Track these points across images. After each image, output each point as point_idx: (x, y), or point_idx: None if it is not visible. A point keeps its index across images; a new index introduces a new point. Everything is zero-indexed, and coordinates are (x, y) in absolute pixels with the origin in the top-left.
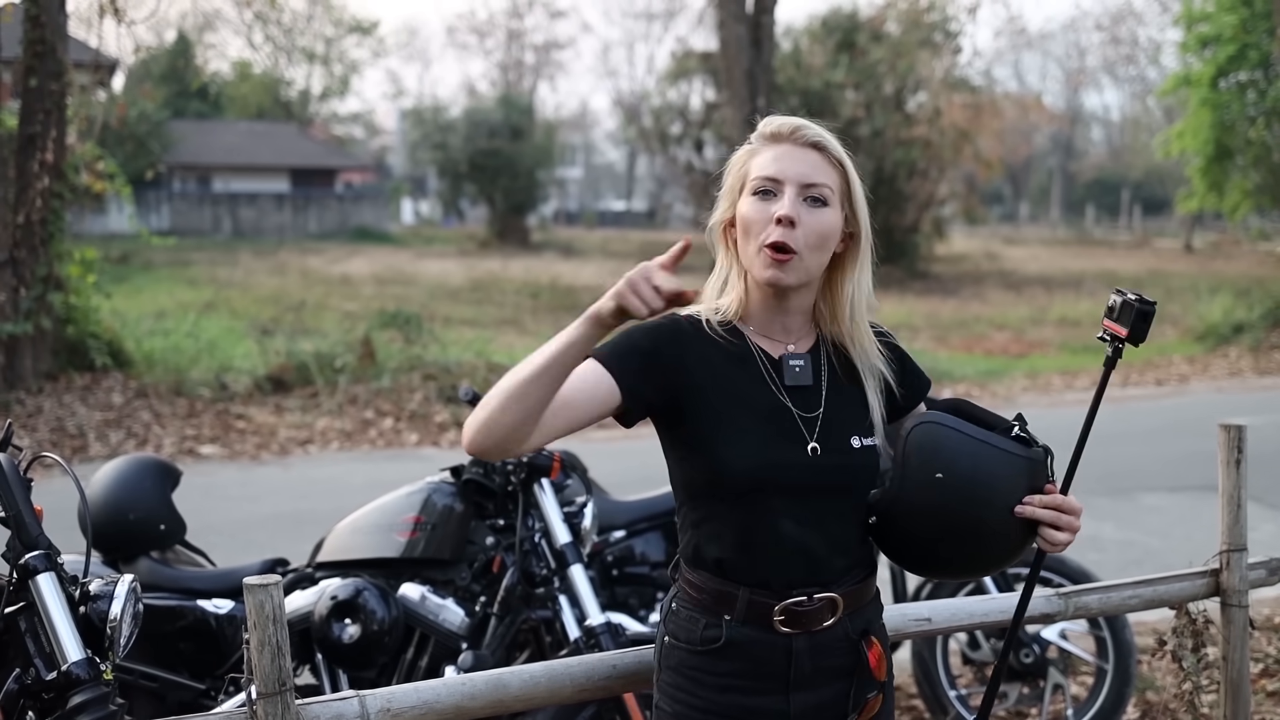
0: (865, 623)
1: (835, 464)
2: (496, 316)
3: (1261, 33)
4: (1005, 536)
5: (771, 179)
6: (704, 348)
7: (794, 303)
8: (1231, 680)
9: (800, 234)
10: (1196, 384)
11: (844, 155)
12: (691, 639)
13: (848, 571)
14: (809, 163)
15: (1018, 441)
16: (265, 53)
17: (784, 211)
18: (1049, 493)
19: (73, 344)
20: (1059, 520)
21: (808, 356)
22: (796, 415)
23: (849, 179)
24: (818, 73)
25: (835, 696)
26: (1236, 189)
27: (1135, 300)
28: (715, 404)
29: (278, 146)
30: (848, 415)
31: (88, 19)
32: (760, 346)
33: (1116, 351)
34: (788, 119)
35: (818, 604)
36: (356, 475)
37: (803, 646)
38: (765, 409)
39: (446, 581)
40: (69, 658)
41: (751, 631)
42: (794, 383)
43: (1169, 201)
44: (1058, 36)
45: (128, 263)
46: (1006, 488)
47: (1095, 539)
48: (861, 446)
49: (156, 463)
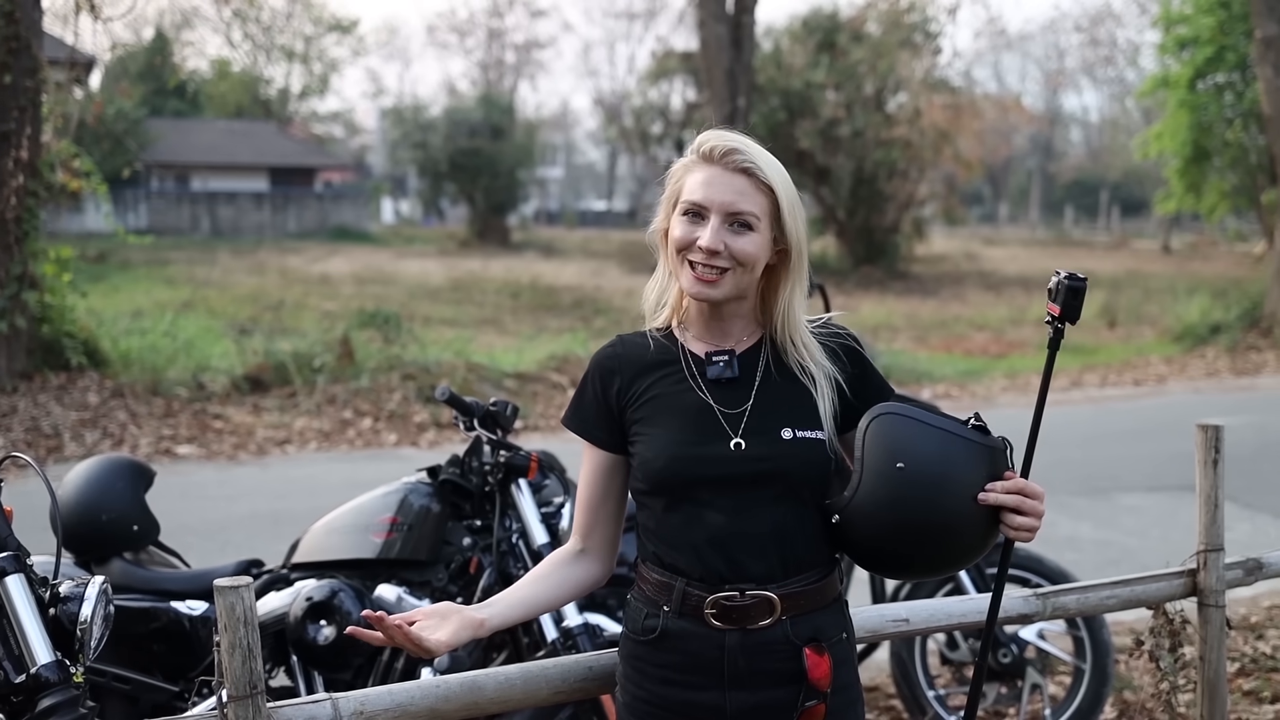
0: (814, 630)
1: (761, 455)
2: (476, 316)
3: (1239, 35)
4: (969, 527)
5: (698, 205)
6: (634, 364)
7: (727, 310)
8: (1208, 680)
9: (723, 260)
10: (1174, 384)
11: (774, 179)
12: (636, 629)
13: (791, 572)
14: (735, 190)
15: (975, 429)
16: (244, 51)
17: (705, 243)
18: (1007, 478)
19: (48, 343)
20: (1023, 505)
21: (731, 353)
22: (718, 411)
23: (779, 202)
24: (798, 73)
25: (777, 701)
26: (1214, 190)
27: (1066, 278)
28: (643, 411)
29: (256, 145)
30: (781, 409)
31: (63, 15)
32: (689, 349)
33: (1057, 332)
34: (722, 139)
35: (750, 600)
36: (334, 475)
37: (735, 643)
38: (687, 408)
39: (423, 582)
40: (38, 660)
41: (686, 624)
42: (716, 377)
43: (1147, 202)
44: (1037, 38)
45: (104, 261)
46: (968, 475)
47: (1073, 539)
48: (794, 438)
49: (129, 463)
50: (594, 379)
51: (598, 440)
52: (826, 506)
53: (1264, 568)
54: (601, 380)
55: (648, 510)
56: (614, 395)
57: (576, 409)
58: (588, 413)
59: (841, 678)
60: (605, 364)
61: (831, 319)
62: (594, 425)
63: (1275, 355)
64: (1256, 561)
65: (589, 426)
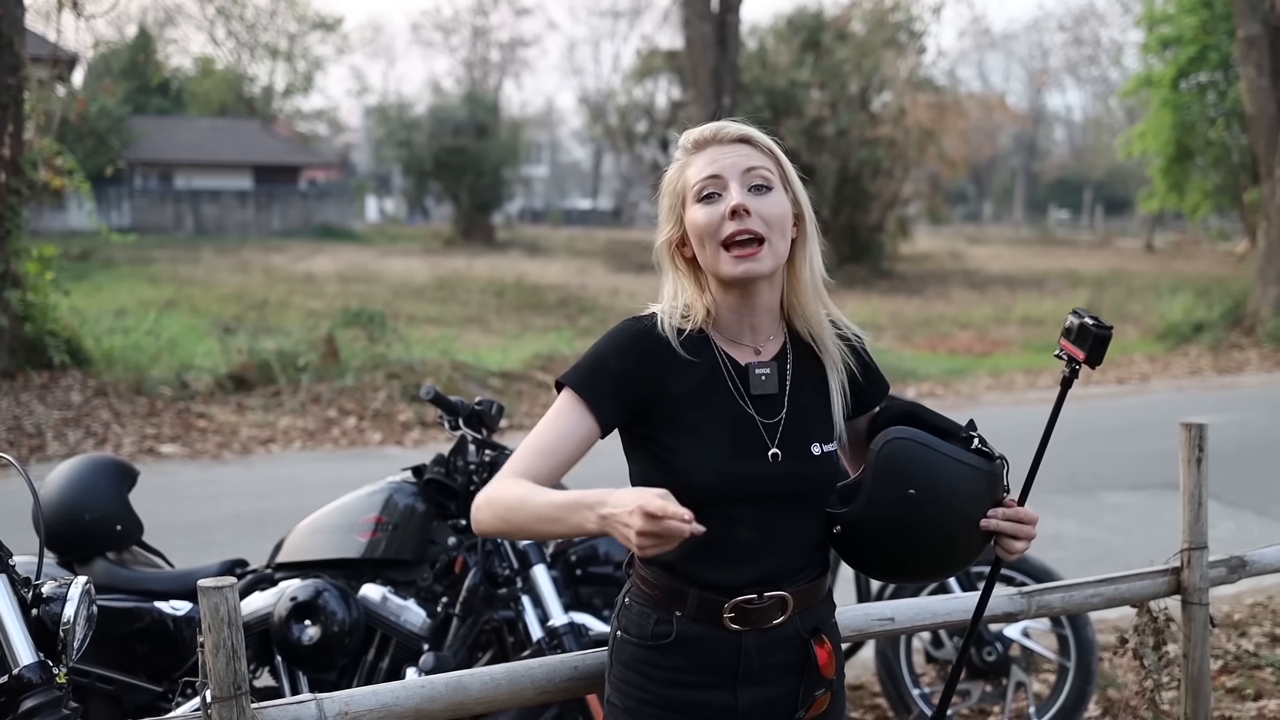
0: (816, 621)
1: (795, 471)
2: (461, 315)
3: (1222, 34)
4: (969, 546)
5: (712, 177)
6: (671, 360)
7: (761, 300)
8: (1192, 677)
9: (757, 220)
10: (1157, 383)
11: (771, 142)
12: (643, 634)
13: (800, 571)
14: (742, 154)
15: (978, 454)
16: (228, 49)
17: (735, 202)
18: (1008, 505)
19: (30, 342)
20: (1019, 531)
21: (773, 364)
22: (759, 423)
23: (782, 163)
24: (783, 72)
25: (784, 693)
26: (1197, 189)
27: (1093, 325)
28: (679, 416)
29: (241, 143)
30: (810, 420)
31: (46, 12)
32: (727, 354)
33: (1074, 373)
34: (706, 125)
35: (768, 602)
36: (319, 475)
37: (752, 644)
38: (729, 419)
39: (408, 582)
40: (20, 661)
41: (701, 628)
42: (760, 391)
43: (1130, 201)
44: (1021, 37)
45: (88, 260)
46: (973, 502)
47: (1057, 537)
48: (822, 454)
49: (113, 462)
50: (620, 354)
51: (603, 412)
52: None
53: (1247, 565)
54: (631, 359)
55: None
56: (639, 379)
57: (591, 374)
58: (604, 381)
59: (838, 663)
60: (637, 344)
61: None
62: (606, 396)
63: (1258, 354)
64: (1240, 559)
65: (600, 396)
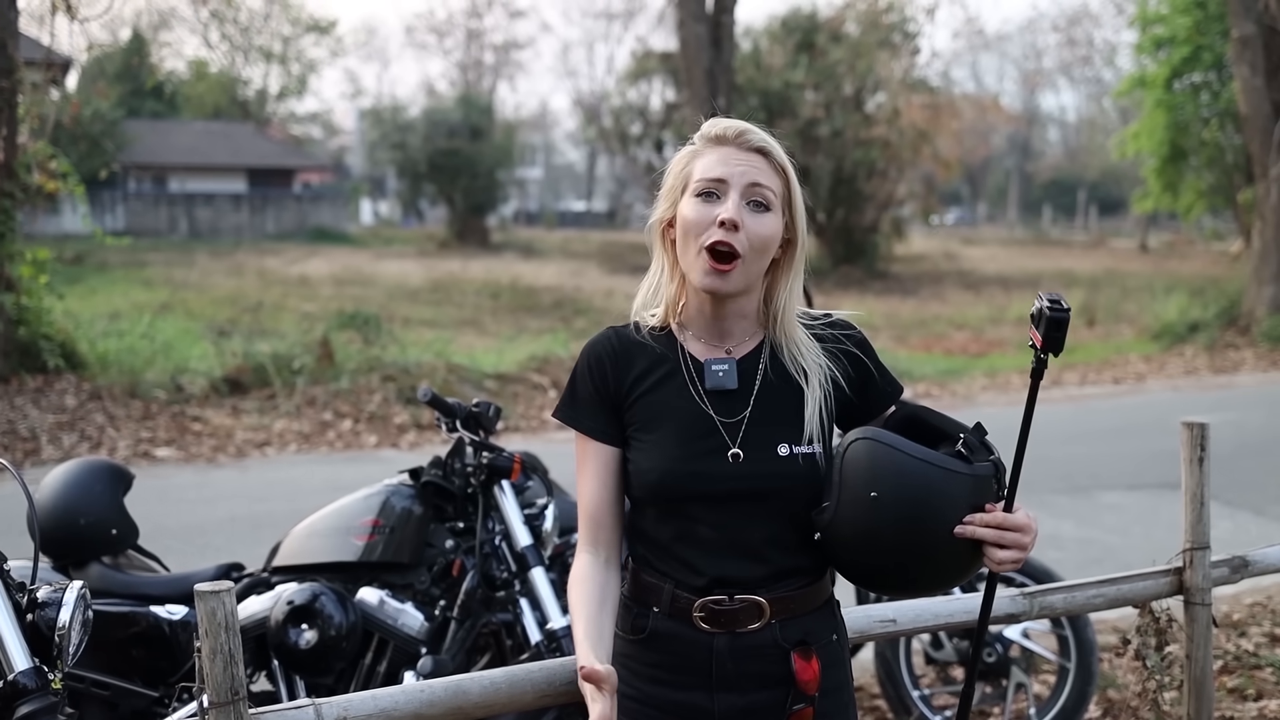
0: (803, 633)
1: (757, 471)
2: (456, 317)
3: (1215, 34)
4: (950, 556)
5: (716, 180)
6: (631, 361)
7: (731, 308)
8: (1194, 678)
9: (743, 237)
10: (1153, 383)
11: (787, 162)
12: (625, 627)
13: (780, 577)
14: (753, 166)
15: (959, 457)
16: (222, 52)
17: (727, 214)
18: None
19: (25, 345)
20: (1002, 539)
21: (732, 361)
22: (717, 421)
23: (790, 185)
24: (777, 73)
25: (764, 703)
26: (1191, 189)
27: (1049, 306)
28: (639, 415)
29: (235, 146)
30: (779, 420)
31: (39, 16)
32: (689, 351)
33: (1041, 363)
34: (733, 122)
35: (738, 605)
36: (315, 477)
37: (723, 646)
38: (685, 416)
39: (405, 585)
40: (16, 667)
41: (674, 625)
42: (715, 386)
43: (1124, 202)
44: (1015, 38)
45: (82, 263)
46: (945, 506)
47: (1055, 537)
48: (790, 454)
49: (108, 466)
50: (589, 372)
51: (599, 434)
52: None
53: (1250, 565)
54: (598, 372)
55: (638, 513)
56: (611, 388)
57: (573, 403)
58: (585, 406)
59: (832, 680)
60: (600, 355)
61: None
62: (592, 418)
63: (1253, 353)
64: (1242, 559)
65: (591, 421)
